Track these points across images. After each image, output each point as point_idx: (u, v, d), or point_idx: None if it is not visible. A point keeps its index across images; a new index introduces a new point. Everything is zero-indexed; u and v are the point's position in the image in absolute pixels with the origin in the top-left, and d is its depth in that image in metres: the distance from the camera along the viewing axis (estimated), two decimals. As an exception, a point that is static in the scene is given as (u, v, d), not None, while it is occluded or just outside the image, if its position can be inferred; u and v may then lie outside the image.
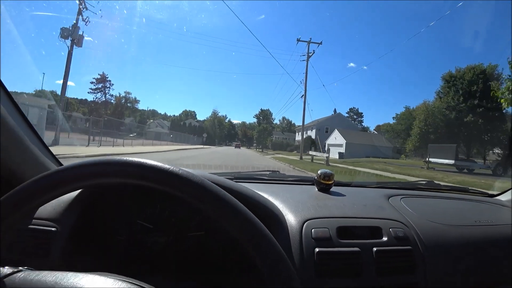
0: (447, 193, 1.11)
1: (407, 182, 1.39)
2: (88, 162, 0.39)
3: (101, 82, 49.57)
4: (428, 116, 25.56)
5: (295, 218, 0.68)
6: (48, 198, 0.39)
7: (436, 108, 25.52)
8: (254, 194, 0.68)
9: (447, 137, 24.11)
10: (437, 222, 0.77)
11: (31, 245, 0.62)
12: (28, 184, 0.38)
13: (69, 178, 0.39)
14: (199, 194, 0.37)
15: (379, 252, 0.62)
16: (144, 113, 66.92)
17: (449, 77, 26.76)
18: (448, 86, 26.78)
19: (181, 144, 32.04)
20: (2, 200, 0.37)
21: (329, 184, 0.91)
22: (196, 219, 0.72)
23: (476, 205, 1.00)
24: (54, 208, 0.67)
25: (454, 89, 25.97)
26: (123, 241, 0.71)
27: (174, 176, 0.38)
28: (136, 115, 57.89)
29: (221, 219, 0.37)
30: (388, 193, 0.95)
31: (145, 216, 0.73)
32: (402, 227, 0.70)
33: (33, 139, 0.78)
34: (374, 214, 0.75)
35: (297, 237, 0.63)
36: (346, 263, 0.60)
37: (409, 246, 0.66)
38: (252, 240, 0.37)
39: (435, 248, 0.69)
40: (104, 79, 49.54)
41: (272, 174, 1.21)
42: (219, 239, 0.70)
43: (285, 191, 0.86)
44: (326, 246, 0.61)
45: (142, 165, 0.38)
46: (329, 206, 0.77)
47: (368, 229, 0.68)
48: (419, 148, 25.77)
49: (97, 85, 48.43)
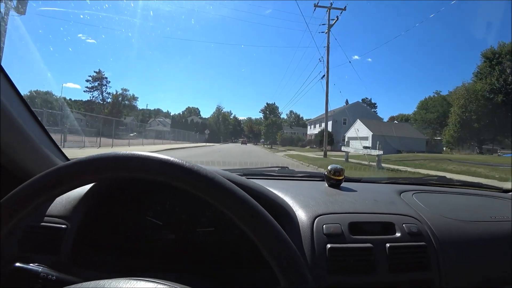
0: (459, 189, 1.07)
1: (418, 178, 1.36)
2: (110, 155, 0.38)
3: (97, 80, 46.14)
4: (470, 101, 21.13)
5: (306, 214, 0.67)
6: (67, 188, 0.38)
7: (479, 91, 21.03)
8: (264, 190, 0.68)
9: (493, 125, 19.62)
10: (450, 218, 0.75)
11: (41, 242, 0.62)
12: (50, 172, 0.37)
13: (91, 169, 0.38)
14: (215, 191, 0.37)
15: (393, 248, 0.61)
16: (146, 112, 63.84)
17: (492, 54, 22.15)
18: (490, 65, 22.24)
19: (181, 142, 29.71)
20: (23, 187, 0.37)
21: (339, 179, 0.89)
22: (206, 215, 0.72)
23: (490, 201, 0.97)
24: (64, 205, 0.67)
25: (500, 68, 21.34)
26: (133, 238, 0.72)
27: (189, 172, 0.37)
28: (138, 114, 54.93)
29: (235, 216, 0.37)
30: (399, 189, 0.93)
31: (155, 213, 0.74)
32: (416, 223, 0.69)
33: (43, 136, 0.79)
34: (386, 209, 0.74)
35: (309, 233, 0.62)
36: (358, 259, 0.59)
37: (423, 242, 0.64)
38: (267, 240, 0.36)
39: (450, 244, 0.67)
40: (101, 76, 46.08)
41: (281, 170, 1.21)
42: (229, 235, 0.71)
43: (295, 187, 0.86)
44: (338, 242, 0.61)
45: (160, 161, 0.38)
46: (340, 201, 0.76)
47: (380, 225, 0.67)
48: (459, 139, 21.40)
49: (93, 83, 45.02)
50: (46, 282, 0.48)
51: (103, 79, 46.80)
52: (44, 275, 0.49)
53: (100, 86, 46.92)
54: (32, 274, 0.49)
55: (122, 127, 32.01)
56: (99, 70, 45.46)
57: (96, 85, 46.87)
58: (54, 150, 0.83)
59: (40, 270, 0.49)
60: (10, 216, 0.36)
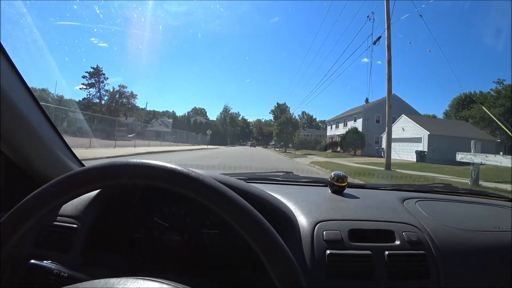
0: (464, 197, 1.08)
1: (422, 185, 1.31)
2: (121, 163, 0.41)
3: (95, 76, 41.94)
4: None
5: (307, 220, 0.71)
6: (79, 193, 0.41)
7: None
8: (265, 195, 0.72)
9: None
10: (453, 227, 0.76)
11: (54, 240, 0.68)
12: (62, 179, 0.40)
13: (102, 176, 0.41)
14: (207, 194, 0.39)
15: (391, 255, 0.64)
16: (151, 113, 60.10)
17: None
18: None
19: (180, 144, 28.29)
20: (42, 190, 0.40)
21: (342, 186, 0.92)
22: (210, 218, 0.78)
23: (496, 210, 0.96)
24: (76, 206, 0.73)
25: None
26: (140, 239, 0.77)
27: (182, 177, 0.39)
28: (143, 114, 51.09)
29: (229, 219, 0.39)
30: (402, 196, 0.94)
31: (161, 215, 0.79)
32: (416, 231, 0.71)
33: (57, 141, 0.85)
34: (387, 217, 0.76)
35: (309, 239, 0.66)
36: (357, 265, 0.62)
37: (422, 251, 0.66)
38: (259, 241, 0.38)
39: (450, 253, 0.69)
40: (99, 72, 41.97)
41: (285, 175, 1.26)
42: (233, 238, 0.75)
43: (298, 193, 0.90)
44: (338, 248, 0.64)
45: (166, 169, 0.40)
46: (342, 208, 0.79)
47: (380, 233, 0.70)
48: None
49: (89, 80, 41.11)
50: (58, 279, 0.51)
51: (100, 75, 42.47)
52: (57, 272, 0.51)
53: (97, 83, 42.65)
54: (46, 271, 0.52)
55: (122, 128, 31.74)
56: (97, 66, 41.39)
57: (93, 82, 42.67)
58: (66, 152, 0.90)
59: (53, 267, 0.52)
60: (30, 215, 0.39)
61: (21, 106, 0.67)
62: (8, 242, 0.38)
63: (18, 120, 0.67)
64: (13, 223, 0.39)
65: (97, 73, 43.18)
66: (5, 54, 0.65)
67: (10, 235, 0.39)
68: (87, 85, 42.57)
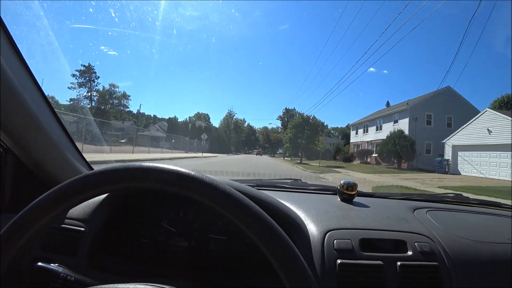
0: (477, 207, 1.08)
1: (433, 194, 1.34)
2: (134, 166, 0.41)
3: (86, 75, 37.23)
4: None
5: (317, 228, 0.72)
6: (94, 194, 0.41)
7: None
8: (275, 202, 0.73)
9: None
10: (465, 238, 0.77)
11: (61, 243, 0.69)
12: (78, 179, 0.41)
13: (118, 178, 0.41)
14: (222, 200, 0.39)
15: (403, 266, 0.64)
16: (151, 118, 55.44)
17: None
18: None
19: (175, 151, 25.86)
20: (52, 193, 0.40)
21: (352, 194, 0.93)
22: (218, 224, 0.79)
23: (509, 222, 0.95)
24: (84, 209, 0.74)
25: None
26: (147, 244, 0.79)
27: (196, 182, 0.39)
28: (142, 119, 46.65)
29: (242, 225, 0.39)
30: (413, 205, 0.95)
31: (169, 220, 0.81)
32: (428, 242, 0.71)
33: (67, 143, 0.88)
34: (398, 226, 0.76)
35: (319, 248, 0.66)
36: (368, 276, 0.62)
37: (435, 262, 0.66)
38: (275, 250, 0.38)
39: (463, 265, 0.69)
40: (90, 70, 37.48)
41: (294, 182, 1.28)
42: (241, 244, 0.77)
43: (307, 200, 0.91)
44: (348, 258, 0.64)
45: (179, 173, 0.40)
46: (352, 217, 0.79)
47: (392, 242, 0.71)
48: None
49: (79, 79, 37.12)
50: (65, 282, 0.53)
51: (92, 74, 37.92)
52: (63, 275, 0.53)
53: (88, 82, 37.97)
54: (53, 274, 0.53)
55: (116, 133, 31.00)
56: (89, 64, 37.07)
57: (83, 81, 38.07)
58: (76, 155, 0.92)
59: (60, 270, 0.54)
60: (42, 216, 0.39)
61: (33, 107, 0.69)
62: (16, 244, 0.38)
63: (29, 120, 0.69)
64: (22, 225, 0.39)
65: (88, 71, 38.82)
66: (21, 56, 0.68)
67: (18, 237, 0.38)
68: (78, 84, 38.27)
